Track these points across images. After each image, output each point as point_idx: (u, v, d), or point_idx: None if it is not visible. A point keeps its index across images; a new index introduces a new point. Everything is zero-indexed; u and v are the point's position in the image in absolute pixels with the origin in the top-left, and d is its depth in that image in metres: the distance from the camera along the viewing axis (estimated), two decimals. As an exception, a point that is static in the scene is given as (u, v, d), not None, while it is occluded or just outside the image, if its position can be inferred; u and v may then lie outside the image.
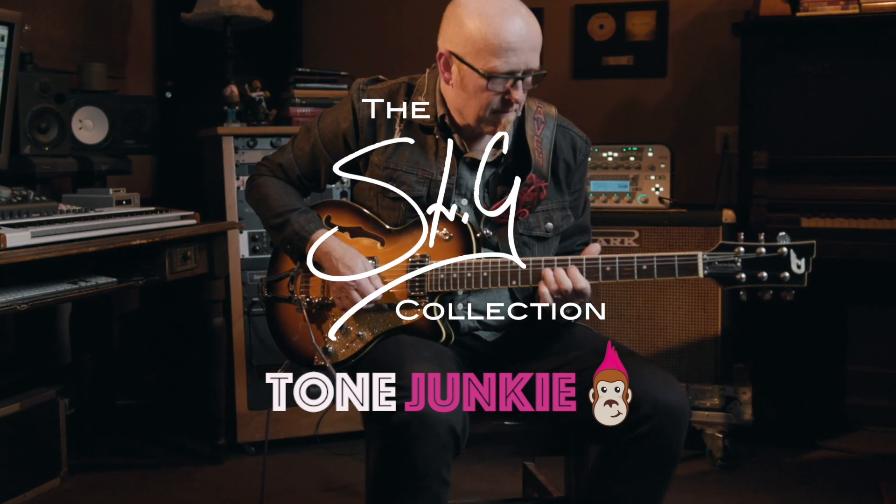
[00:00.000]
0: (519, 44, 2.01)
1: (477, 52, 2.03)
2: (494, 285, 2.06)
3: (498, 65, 2.01)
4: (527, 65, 2.03)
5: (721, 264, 1.90)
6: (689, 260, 1.92)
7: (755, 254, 1.87)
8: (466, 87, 2.08)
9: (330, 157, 2.29)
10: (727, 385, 3.22)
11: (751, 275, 1.87)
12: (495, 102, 2.07)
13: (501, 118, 2.10)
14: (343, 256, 2.15)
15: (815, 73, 3.49)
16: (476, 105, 2.09)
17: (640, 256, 1.96)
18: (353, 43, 4.58)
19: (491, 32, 2.00)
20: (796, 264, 1.85)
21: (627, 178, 3.50)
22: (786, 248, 1.86)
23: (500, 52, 2.00)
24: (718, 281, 1.90)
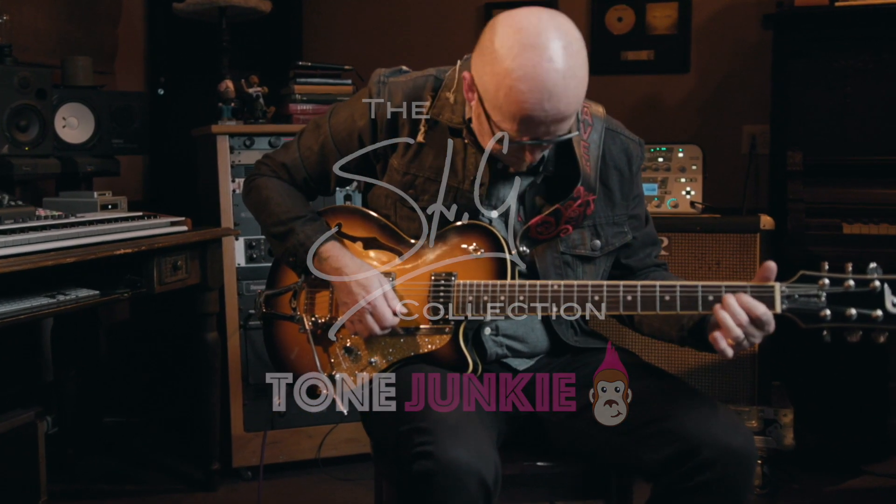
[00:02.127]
0: (543, 118, 1.64)
1: (494, 106, 1.68)
2: (532, 312, 1.76)
3: (510, 130, 1.68)
4: (548, 135, 1.68)
5: (802, 298, 1.59)
6: (765, 292, 1.61)
7: (842, 287, 1.57)
8: (482, 125, 1.76)
9: (342, 158, 1.98)
10: (766, 406, 2.92)
11: (837, 312, 1.57)
12: (509, 151, 1.74)
13: (517, 163, 1.78)
14: (356, 274, 1.84)
15: (856, 67, 3.23)
16: (487, 144, 1.76)
17: (704, 286, 1.65)
18: (357, 35, 4.28)
19: (512, 97, 1.63)
20: (892, 302, 1.55)
21: (655, 180, 3.20)
22: (879, 283, 1.56)
23: (515, 121, 1.66)
24: (799, 318, 1.60)
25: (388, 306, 1.81)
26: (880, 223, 3.05)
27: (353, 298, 1.82)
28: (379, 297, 1.80)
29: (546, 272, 1.86)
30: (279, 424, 3.16)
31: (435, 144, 1.90)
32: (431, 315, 1.82)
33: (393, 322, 1.81)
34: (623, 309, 1.69)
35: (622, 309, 1.69)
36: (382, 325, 1.80)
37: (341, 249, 1.89)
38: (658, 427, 1.69)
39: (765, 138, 3.68)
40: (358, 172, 2.01)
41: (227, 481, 3.17)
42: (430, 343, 1.83)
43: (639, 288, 1.68)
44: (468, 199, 1.86)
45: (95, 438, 3.54)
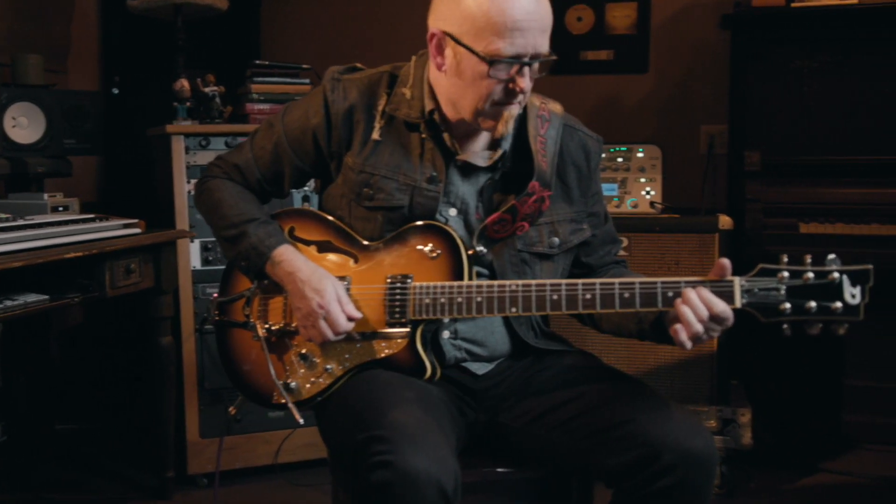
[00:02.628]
0: (527, 22, 1.66)
1: (477, 32, 1.67)
2: (490, 313, 1.72)
3: (502, 47, 1.66)
4: (535, 48, 1.68)
5: (762, 292, 1.58)
6: (725, 286, 1.59)
7: (801, 280, 1.55)
8: (463, 73, 1.72)
9: (296, 157, 1.93)
10: (724, 406, 2.90)
11: (797, 305, 1.55)
12: (497, 92, 1.71)
13: (503, 111, 1.74)
14: (310, 278, 1.78)
15: (812, 68, 3.23)
16: (474, 95, 1.73)
17: (664, 282, 1.62)
18: (316, 34, 4.22)
19: (494, 8, 1.64)
20: (850, 293, 1.54)
21: (615, 180, 3.17)
22: (838, 274, 1.54)
23: (504, 31, 1.65)
24: (759, 312, 1.58)
25: (343, 311, 1.75)
26: (836, 223, 3.06)
27: (306, 304, 1.76)
28: (333, 302, 1.74)
29: (503, 271, 1.82)
30: (235, 430, 3.09)
31: (391, 141, 1.85)
32: (388, 318, 1.77)
33: (347, 327, 1.76)
34: (582, 308, 1.66)
35: (581, 308, 1.67)
36: (336, 330, 1.75)
37: (294, 253, 1.83)
38: (619, 431, 1.65)
39: (723, 138, 3.69)
40: (313, 172, 1.96)
41: (181, 489, 3.08)
42: (386, 348, 1.78)
43: (597, 286, 1.65)
44: (426, 196, 1.82)
45: (47, 446, 3.44)
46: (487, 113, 1.74)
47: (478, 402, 1.85)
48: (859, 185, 3.13)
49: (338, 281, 1.79)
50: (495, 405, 1.85)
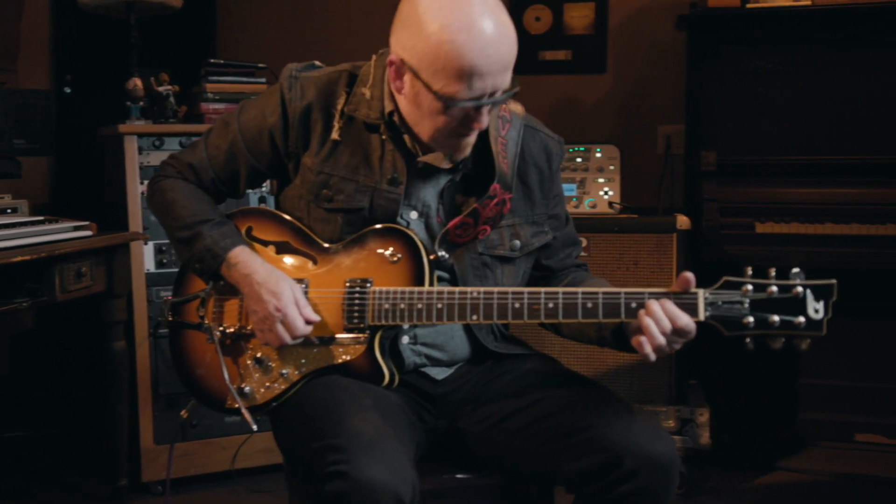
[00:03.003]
0: (488, 66, 1.57)
1: (435, 72, 1.60)
2: (450, 320, 1.67)
3: (459, 91, 1.59)
4: (495, 87, 1.61)
5: (725, 305, 1.55)
6: (689, 299, 1.56)
7: (765, 293, 1.53)
8: (420, 106, 1.67)
9: (252, 157, 1.87)
10: (683, 406, 2.89)
11: (760, 319, 1.53)
12: (454, 126, 1.67)
13: (461, 142, 1.70)
14: (267, 280, 1.72)
15: (767, 68, 3.23)
16: (430, 126, 1.69)
17: (627, 293, 1.59)
18: (273, 33, 4.14)
19: (453, 52, 1.56)
20: (813, 308, 1.52)
21: (574, 180, 3.15)
22: (801, 288, 1.52)
23: (462, 76, 1.58)
24: (722, 325, 1.56)
25: (300, 314, 1.70)
26: (791, 222, 3.06)
27: (263, 307, 1.71)
28: (290, 305, 1.69)
29: (464, 274, 1.78)
30: (191, 435, 3.01)
31: (350, 142, 1.80)
32: (346, 322, 1.72)
33: (304, 331, 1.71)
34: (544, 317, 1.63)
35: (543, 317, 1.63)
36: (293, 334, 1.70)
37: (251, 255, 1.77)
38: (580, 436, 1.62)
39: (680, 138, 3.68)
40: (269, 172, 1.91)
41: (135, 497, 3.00)
42: (344, 353, 1.73)
43: (560, 295, 1.62)
44: (386, 199, 1.77)
45: (-4, 454, 3.33)
46: (444, 143, 1.71)
47: (437, 408, 1.81)
48: (814, 185, 3.13)
49: (296, 284, 1.74)
50: (455, 410, 1.81)
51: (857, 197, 3.08)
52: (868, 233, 2.97)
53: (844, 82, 3.14)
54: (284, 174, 1.87)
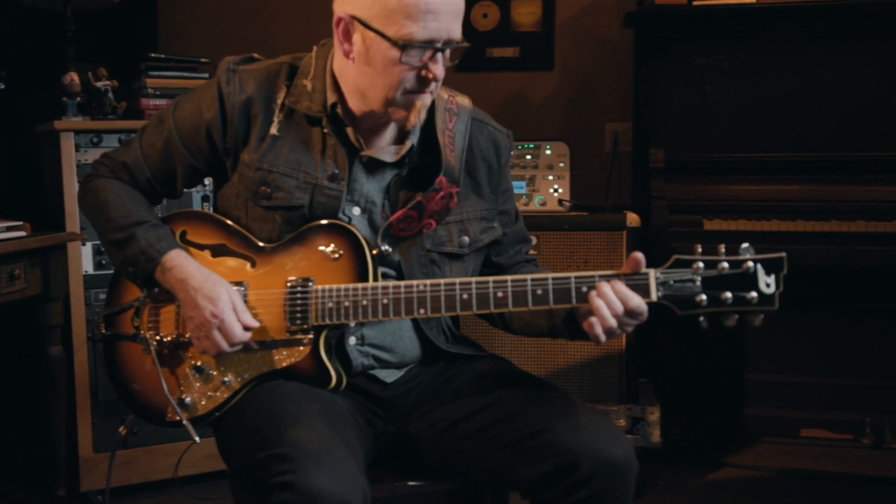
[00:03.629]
0: (441, 5, 1.55)
1: (389, 15, 1.55)
2: (397, 315, 1.59)
3: (415, 31, 1.54)
4: (449, 33, 1.57)
5: (677, 284, 1.50)
6: (640, 279, 1.50)
7: (717, 270, 1.48)
8: (373, 60, 1.60)
9: (189, 155, 1.77)
10: (633, 405, 2.85)
11: (713, 296, 1.49)
12: (409, 80, 1.59)
13: (415, 100, 1.62)
14: (203, 285, 1.63)
15: (713, 66, 3.21)
16: (385, 83, 1.61)
17: (577, 277, 1.53)
18: (218, 26, 4.00)
19: None
20: (765, 282, 1.48)
21: (524, 178, 3.09)
22: (752, 263, 1.48)
23: (418, 14, 1.53)
24: (675, 304, 1.51)
25: (238, 320, 1.60)
26: (738, 219, 3.04)
27: (199, 313, 1.61)
28: (227, 311, 1.60)
29: (412, 272, 1.70)
30: (132, 443, 2.88)
31: (291, 136, 1.71)
32: (289, 324, 1.63)
33: (243, 337, 1.61)
34: (494, 307, 1.56)
35: (493, 307, 1.56)
36: (231, 341, 1.60)
37: (187, 258, 1.68)
38: (535, 441, 1.56)
39: (627, 136, 3.64)
40: (207, 170, 1.80)
41: (74, 506, 2.88)
42: (288, 357, 1.64)
43: (509, 283, 1.56)
44: (327, 195, 1.69)
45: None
46: (399, 102, 1.62)
47: (387, 412, 1.73)
48: (760, 183, 3.13)
49: (233, 288, 1.64)
50: (405, 414, 1.74)
51: (802, 194, 3.08)
52: (812, 229, 2.97)
53: (790, 79, 3.13)
54: (223, 172, 1.78)
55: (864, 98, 3.09)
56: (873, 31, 3.09)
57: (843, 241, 2.94)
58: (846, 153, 3.09)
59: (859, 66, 3.10)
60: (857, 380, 3.34)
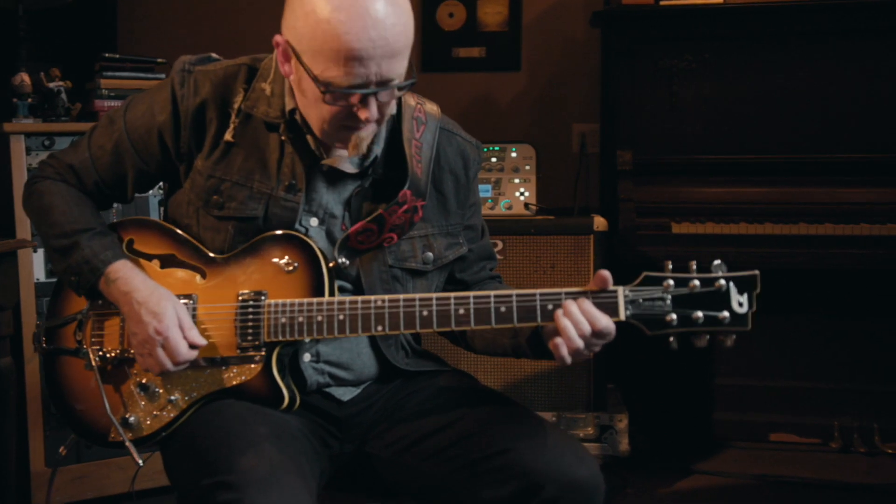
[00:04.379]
0: (369, 51, 1.41)
1: (314, 54, 1.44)
2: (353, 332, 1.51)
3: (337, 76, 1.43)
4: (380, 76, 1.44)
5: (647, 302, 1.43)
6: (608, 298, 1.43)
7: (688, 288, 1.41)
8: (305, 92, 1.51)
9: (139, 159, 1.67)
10: (601, 412, 2.79)
11: (683, 316, 1.42)
12: (341, 116, 1.50)
13: (350, 135, 1.53)
14: (148, 299, 1.53)
15: (680, 67, 3.17)
16: (318, 115, 1.52)
17: (542, 294, 1.46)
18: (179, 26, 3.87)
19: (330, 32, 1.40)
20: (737, 301, 1.42)
21: (489, 181, 3.01)
22: (724, 281, 1.41)
23: (339, 60, 1.41)
24: (644, 324, 1.44)
25: (184, 337, 1.51)
26: (706, 222, 3.00)
27: (142, 329, 1.51)
28: (172, 327, 1.50)
29: (373, 288, 1.62)
30: (87, 456, 2.77)
31: (246, 143, 1.62)
32: (239, 341, 1.55)
33: (188, 356, 1.52)
34: (455, 324, 1.48)
35: (454, 324, 1.48)
36: (176, 360, 1.51)
37: (132, 270, 1.58)
38: (497, 461, 1.49)
39: (595, 137, 3.58)
40: (159, 175, 1.71)
41: (26, 523, 2.76)
42: (238, 375, 1.55)
43: (471, 300, 1.48)
44: (283, 207, 1.60)
45: None
46: (333, 135, 1.54)
47: (343, 431, 1.64)
48: (729, 185, 3.09)
49: (180, 302, 1.55)
50: (362, 434, 1.66)
51: (770, 196, 3.06)
52: (781, 232, 2.94)
53: (758, 81, 3.10)
54: (176, 177, 1.68)
55: (832, 100, 3.07)
56: (842, 32, 3.06)
57: (812, 244, 2.92)
58: (815, 155, 3.07)
59: (828, 68, 3.07)
60: (825, 383, 3.31)
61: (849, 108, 3.06)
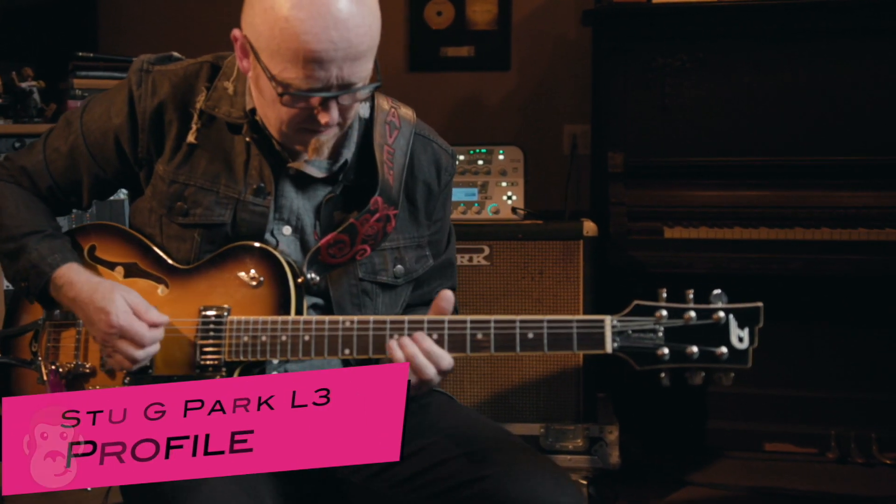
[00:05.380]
0: (329, 53, 1.31)
1: (272, 53, 1.34)
2: (319, 354, 1.41)
3: (295, 78, 1.34)
4: (342, 79, 1.35)
5: (636, 335, 1.32)
6: (594, 327, 1.32)
7: (682, 319, 1.31)
8: (262, 91, 1.41)
9: (95, 164, 1.58)
10: (591, 423, 2.69)
11: (677, 350, 1.31)
12: (300, 118, 1.40)
13: (310, 139, 1.43)
14: (92, 298, 1.44)
15: (673, 66, 3.07)
16: (275, 116, 1.42)
17: (523, 321, 1.35)
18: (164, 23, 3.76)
19: (288, 31, 1.31)
20: (737, 336, 1.31)
21: (475, 184, 2.90)
22: (723, 313, 1.30)
23: (297, 62, 1.32)
24: (633, 358, 1.33)
25: (141, 320, 1.41)
26: (700, 226, 2.90)
27: (96, 329, 1.43)
28: (122, 315, 1.41)
29: (341, 302, 1.52)
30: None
31: (210, 146, 1.52)
32: (198, 359, 1.44)
33: (154, 336, 1.42)
34: None
35: None
36: (141, 344, 1.41)
37: (79, 272, 1.48)
38: (473, 489, 1.39)
39: (586, 138, 3.49)
40: (118, 181, 1.61)
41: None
42: (198, 397, 1.45)
43: (446, 325, 1.37)
44: (252, 212, 1.50)
45: None
46: (292, 138, 1.44)
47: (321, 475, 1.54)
48: (723, 188, 2.99)
49: (130, 289, 1.46)
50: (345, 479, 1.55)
51: (765, 200, 2.96)
52: (776, 237, 2.85)
53: (753, 81, 3.00)
54: (136, 184, 1.58)
55: (830, 100, 2.97)
56: (839, 31, 2.96)
57: (808, 250, 2.83)
58: (811, 157, 2.97)
59: (826, 67, 2.96)
60: (822, 391, 3.21)
61: (847, 108, 2.96)
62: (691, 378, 1.32)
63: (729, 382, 1.32)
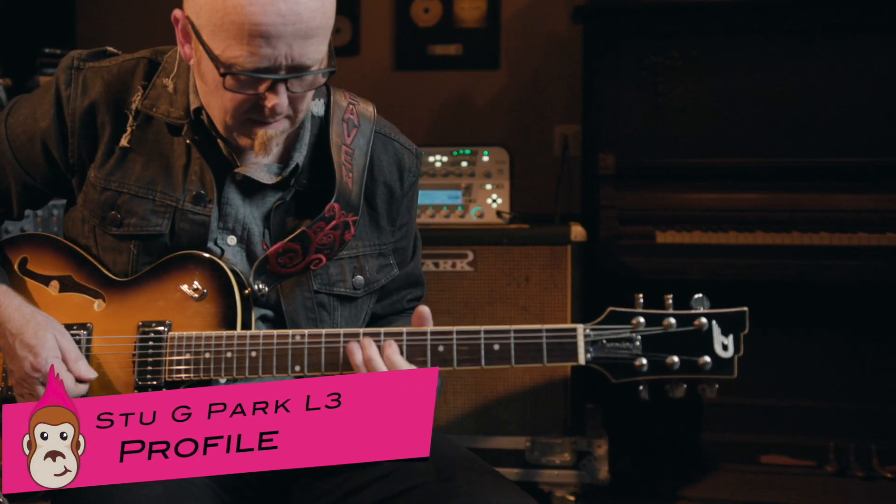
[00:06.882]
0: (278, 28, 1.19)
1: (214, 30, 1.21)
2: (267, 372, 1.27)
3: (241, 56, 1.21)
4: (292, 59, 1.22)
5: (612, 344, 1.19)
6: (565, 336, 1.19)
7: (661, 327, 1.17)
8: (205, 76, 1.28)
9: (22, 170, 1.44)
10: (579, 437, 2.55)
11: (655, 361, 1.18)
12: (246, 106, 1.26)
13: (257, 130, 1.29)
14: (23, 330, 1.30)
15: (667, 65, 2.94)
16: (218, 105, 1.29)
17: (488, 331, 1.21)
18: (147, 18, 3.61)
19: (233, 2, 1.18)
20: (721, 343, 1.18)
21: (459, 186, 2.76)
22: (705, 319, 1.17)
23: (243, 37, 1.19)
24: (608, 370, 1.20)
25: (69, 371, 1.27)
26: (693, 230, 2.78)
27: (18, 365, 1.28)
28: (50, 360, 1.26)
29: (295, 316, 1.38)
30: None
31: (146, 149, 1.39)
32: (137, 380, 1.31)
33: (78, 392, 1.28)
34: None
35: None
36: None
37: (7, 295, 1.35)
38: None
39: (577, 139, 3.35)
40: (48, 189, 1.47)
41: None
42: (136, 421, 1.30)
43: (405, 336, 1.24)
44: (192, 221, 1.36)
45: None
46: (237, 129, 1.30)
47: (263, 483, 1.40)
48: (717, 190, 2.87)
49: (63, 331, 1.31)
50: (287, 486, 1.41)
51: (761, 203, 2.84)
52: (773, 242, 2.72)
53: (749, 80, 2.88)
54: (68, 191, 1.44)
55: (828, 100, 2.84)
56: (838, 29, 2.84)
57: (806, 255, 2.71)
58: (809, 158, 2.84)
59: (824, 66, 2.84)
60: (820, 402, 3.07)
61: (846, 108, 2.83)
62: (672, 391, 1.20)
63: (713, 395, 1.20)
